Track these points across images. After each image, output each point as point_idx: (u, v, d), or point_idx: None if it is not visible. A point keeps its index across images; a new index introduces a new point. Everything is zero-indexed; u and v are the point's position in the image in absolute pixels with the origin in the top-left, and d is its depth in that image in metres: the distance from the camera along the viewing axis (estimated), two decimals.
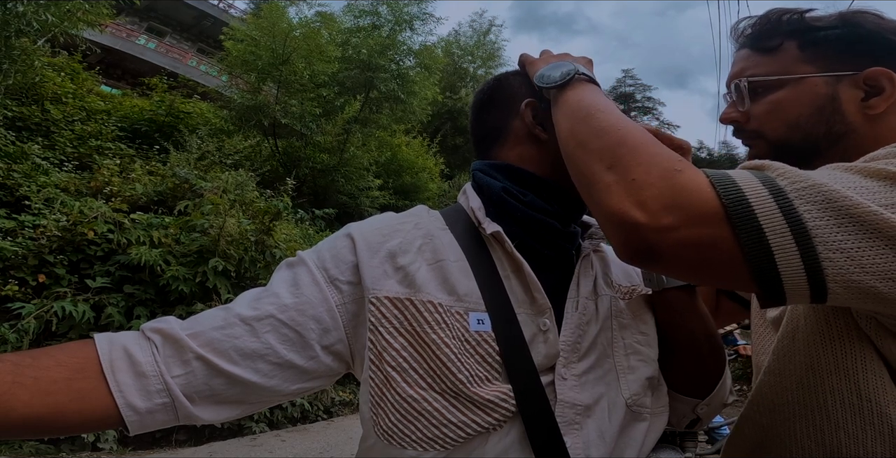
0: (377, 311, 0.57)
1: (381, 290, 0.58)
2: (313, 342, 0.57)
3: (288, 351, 0.56)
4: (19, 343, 4.10)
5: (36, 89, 7.98)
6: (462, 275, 0.59)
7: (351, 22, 12.33)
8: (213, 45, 16.63)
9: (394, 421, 0.55)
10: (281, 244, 6.47)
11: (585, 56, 0.69)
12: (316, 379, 0.59)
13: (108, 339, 0.54)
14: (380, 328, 0.57)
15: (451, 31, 20.37)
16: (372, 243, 0.61)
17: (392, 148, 13.51)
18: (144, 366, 0.52)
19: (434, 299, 0.57)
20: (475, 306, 0.58)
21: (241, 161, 9.22)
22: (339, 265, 0.60)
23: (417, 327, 0.56)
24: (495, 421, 0.54)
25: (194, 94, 11.74)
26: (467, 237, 0.63)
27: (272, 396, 0.57)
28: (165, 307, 5.20)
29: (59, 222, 5.01)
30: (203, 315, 0.58)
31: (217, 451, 4.49)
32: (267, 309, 0.57)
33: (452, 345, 0.55)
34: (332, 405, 6.25)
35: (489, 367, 0.56)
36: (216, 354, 0.54)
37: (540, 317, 0.59)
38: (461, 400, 0.54)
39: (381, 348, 0.56)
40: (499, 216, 0.65)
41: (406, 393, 0.55)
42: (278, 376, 0.56)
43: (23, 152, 6.46)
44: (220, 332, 0.55)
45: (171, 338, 0.54)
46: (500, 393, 0.54)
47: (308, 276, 0.60)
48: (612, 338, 0.63)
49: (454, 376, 0.54)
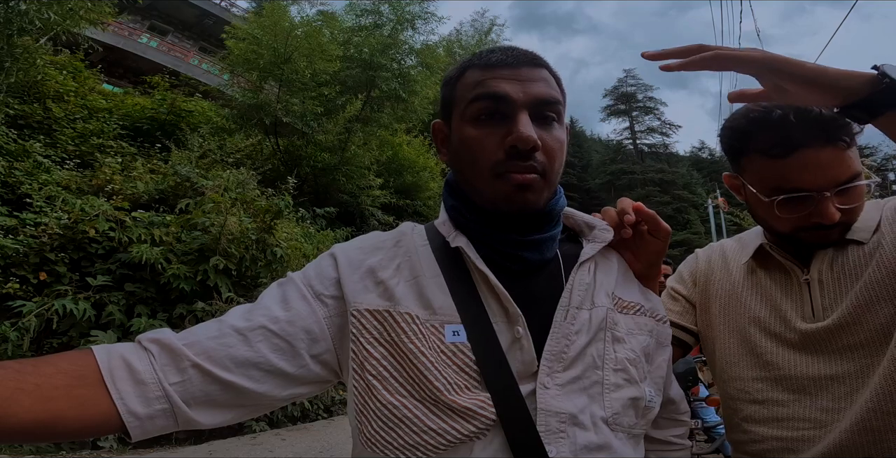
0: (358, 322, 0.60)
1: (361, 303, 0.61)
2: (303, 352, 0.60)
3: (279, 359, 0.59)
4: (20, 341, 4.11)
5: (38, 88, 8.00)
6: (437, 290, 0.62)
7: (353, 21, 12.35)
8: (214, 43, 16.64)
9: (376, 428, 0.57)
10: (282, 243, 6.48)
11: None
12: (306, 385, 0.62)
13: (106, 349, 0.56)
14: (360, 339, 0.59)
15: (452, 31, 20.39)
16: (353, 260, 0.65)
17: (393, 147, 13.52)
18: (143, 374, 0.54)
19: (412, 312, 0.60)
20: (450, 318, 0.60)
21: (243, 160, 9.24)
22: (323, 281, 0.64)
23: (396, 337, 0.59)
24: (476, 429, 0.55)
25: (196, 92, 11.76)
26: (443, 251, 0.66)
27: (266, 401, 0.60)
28: (166, 305, 5.21)
29: (60, 220, 5.02)
30: (197, 327, 0.61)
31: (217, 450, 4.50)
32: (259, 321, 0.60)
33: (429, 355, 0.57)
34: (333, 404, 6.26)
35: (467, 376, 0.57)
36: (211, 362, 0.57)
37: (514, 325, 0.60)
38: (440, 407, 0.56)
39: (363, 358, 0.59)
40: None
41: (386, 400, 0.57)
42: (270, 383, 0.59)
43: (24, 150, 6.47)
44: (215, 341, 0.58)
45: (168, 347, 0.57)
46: (478, 401, 0.55)
47: (297, 292, 0.63)
48: (603, 350, 0.62)
49: (431, 384, 0.56)
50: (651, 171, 39.46)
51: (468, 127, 0.64)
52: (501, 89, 0.62)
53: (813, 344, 0.79)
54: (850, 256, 0.80)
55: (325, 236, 9.00)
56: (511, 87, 0.62)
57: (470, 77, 0.66)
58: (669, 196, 36.77)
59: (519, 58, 0.64)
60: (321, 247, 8.12)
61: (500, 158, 0.61)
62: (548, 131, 0.63)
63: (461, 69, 0.68)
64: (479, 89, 0.63)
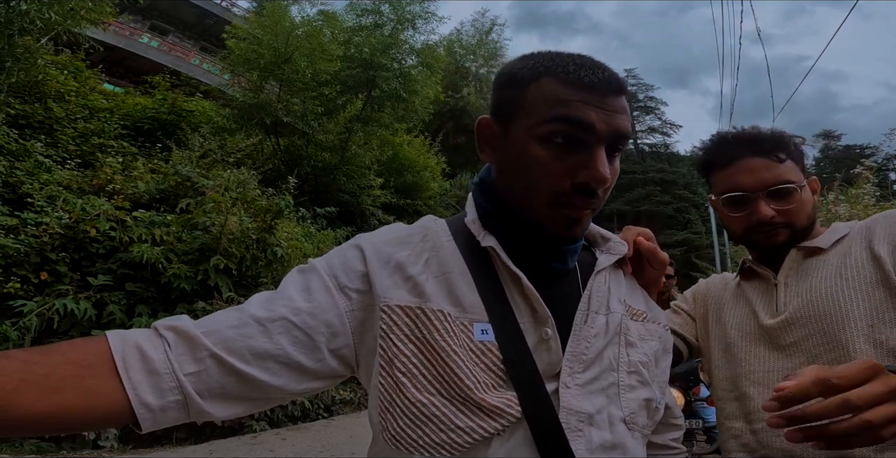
0: (388, 318, 0.59)
1: (392, 299, 0.60)
2: (322, 346, 0.59)
3: (298, 353, 0.57)
4: (21, 341, 4.11)
5: (39, 87, 7.99)
6: (466, 287, 0.61)
7: (353, 20, 12.33)
8: (215, 43, 16.63)
9: (402, 426, 0.56)
10: (282, 243, 6.48)
11: None
12: (321, 380, 0.61)
13: (120, 336, 0.54)
14: (391, 335, 0.58)
15: (453, 31, 20.38)
16: (381, 254, 0.63)
17: (394, 147, 13.51)
18: (157, 364, 0.52)
19: (443, 309, 0.59)
20: (479, 317, 0.60)
21: (243, 159, 9.23)
22: (349, 273, 0.62)
23: (427, 334, 0.58)
24: (501, 427, 0.56)
25: (196, 92, 11.75)
26: (470, 248, 0.65)
27: (280, 394, 0.59)
28: (167, 305, 5.21)
29: (61, 220, 5.02)
30: (216, 315, 0.59)
31: (217, 449, 4.50)
32: (280, 311, 0.58)
33: (460, 353, 0.57)
34: (333, 404, 6.26)
35: (494, 375, 0.58)
36: (230, 353, 0.55)
37: (542, 326, 0.60)
38: (468, 406, 0.56)
39: (392, 355, 0.58)
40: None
41: (415, 398, 0.56)
42: (287, 376, 0.58)
43: (25, 150, 6.48)
44: (235, 331, 0.56)
45: (185, 335, 0.55)
46: (505, 399, 0.56)
47: (319, 282, 0.61)
48: (618, 353, 0.64)
49: (462, 383, 0.56)
50: (652, 170, 39.40)
51: (536, 145, 0.59)
52: (588, 118, 0.58)
53: (772, 338, 0.90)
54: (811, 261, 0.93)
55: (326, 236, 9.01)
56: (598, 116, 0.58)
57: (548, 87, 0.60)
58: (670, 196, 36.73)
59: (610, 83, 0.59)
60: (322, 246, 8.12)
61: (564, 189, 0.59)
62: (613, 165, 0.62)
63: (535, 72, 0.61)
64: (561, 110, 0.58)
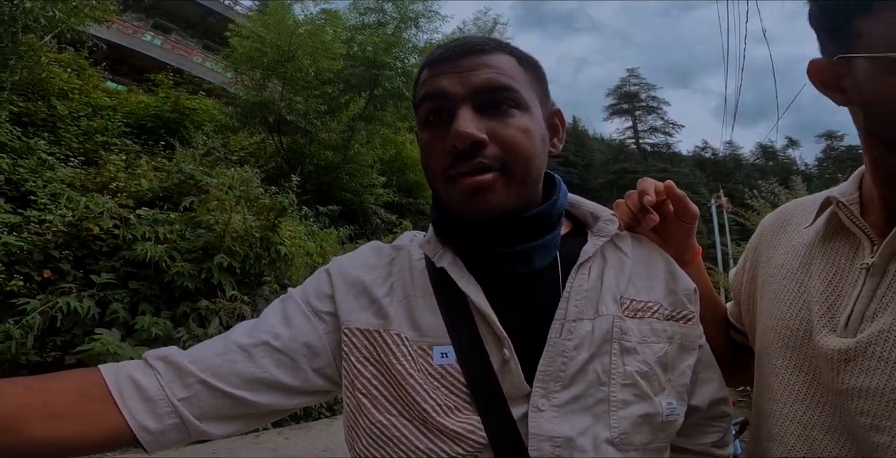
0: (349, 341, 0.61)
1: (354, 322, 0.61)
2: (304, 365, 0.61)
3: (282, 374, 0.60)
4: (24, 339, 4.11)
5: (42, 85, 8.00)
6: (427, 310, 0.60)
7: (356, 19, 12.33)
8: (218, 42, 16.63)
9: (366, 445, 0.57)
10: (285, 241, 6.47)
11: None
12: (310, 395, 0.63)
13: (113, 368, 0.57)
14: (351, 357, 0.60)
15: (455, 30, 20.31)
16: (348, 278, 0.65)
17: (396, 145, 13.51)
18: (151, 391, 0.55)
19: (402, 333, 0.59)
20: (439, 340, 0.58)
21: (246, 158, 9.23)
22: (321, 298, 0.64)
23: (385, 358, 0.58)
24: (465, 452, 0.53)
25: (199, 90, 11.76)
26: (435, 268, 0.63)
27: (274, 410, 0.62)
28: (170, 303, 5.20)
29: (64, 218, 5.02)
30: (203, 344, 0.63)
31: (220, 449, 4.49)
32: (262, 337, 0.61)
33: (417, 376, 0.56)
34: (336, 403, 6.25)
35: (458, 398, 0.56)
36: (217, 378, 0.58)
37: (501, 347, 0.56)
38: (430, 428, 0.55)
39: (353, 376, 0.59)
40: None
41: (375, 419, 0.57)
42: (275, 396, 0.60)
43: (29, 148, 6.47)
44: (220, 358, 0.59)
45: (174, 364, 0.58)
46: (467, 424, 0.54)
47: (296, 308, 0.64)
48: (610, 364, 0.56)
49: (419, 406, 0.55)
50: (654, 170, 39.33)
51: (421, 133, 0.61)
52: (439, 86, 0.57)
53: (827, 369, 0.58)
54: None
55: (328, 235, 9.00)
56: (448, 81, 0.57)
57: (421, 78, 0.62)
58: None
59: (460, 48, 0.58)
60: (324, 245, 8.12)
61: (448, 163, 0.57)
62: (501, 120, 0.57)
63: (420, 71, 0.63)
64: (422, 90, 0.60)
